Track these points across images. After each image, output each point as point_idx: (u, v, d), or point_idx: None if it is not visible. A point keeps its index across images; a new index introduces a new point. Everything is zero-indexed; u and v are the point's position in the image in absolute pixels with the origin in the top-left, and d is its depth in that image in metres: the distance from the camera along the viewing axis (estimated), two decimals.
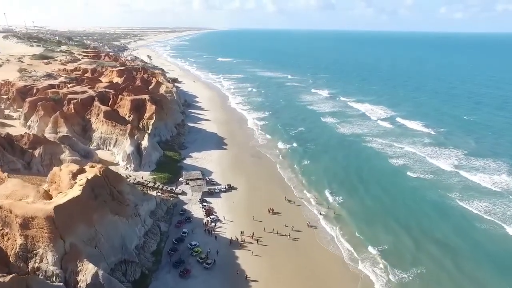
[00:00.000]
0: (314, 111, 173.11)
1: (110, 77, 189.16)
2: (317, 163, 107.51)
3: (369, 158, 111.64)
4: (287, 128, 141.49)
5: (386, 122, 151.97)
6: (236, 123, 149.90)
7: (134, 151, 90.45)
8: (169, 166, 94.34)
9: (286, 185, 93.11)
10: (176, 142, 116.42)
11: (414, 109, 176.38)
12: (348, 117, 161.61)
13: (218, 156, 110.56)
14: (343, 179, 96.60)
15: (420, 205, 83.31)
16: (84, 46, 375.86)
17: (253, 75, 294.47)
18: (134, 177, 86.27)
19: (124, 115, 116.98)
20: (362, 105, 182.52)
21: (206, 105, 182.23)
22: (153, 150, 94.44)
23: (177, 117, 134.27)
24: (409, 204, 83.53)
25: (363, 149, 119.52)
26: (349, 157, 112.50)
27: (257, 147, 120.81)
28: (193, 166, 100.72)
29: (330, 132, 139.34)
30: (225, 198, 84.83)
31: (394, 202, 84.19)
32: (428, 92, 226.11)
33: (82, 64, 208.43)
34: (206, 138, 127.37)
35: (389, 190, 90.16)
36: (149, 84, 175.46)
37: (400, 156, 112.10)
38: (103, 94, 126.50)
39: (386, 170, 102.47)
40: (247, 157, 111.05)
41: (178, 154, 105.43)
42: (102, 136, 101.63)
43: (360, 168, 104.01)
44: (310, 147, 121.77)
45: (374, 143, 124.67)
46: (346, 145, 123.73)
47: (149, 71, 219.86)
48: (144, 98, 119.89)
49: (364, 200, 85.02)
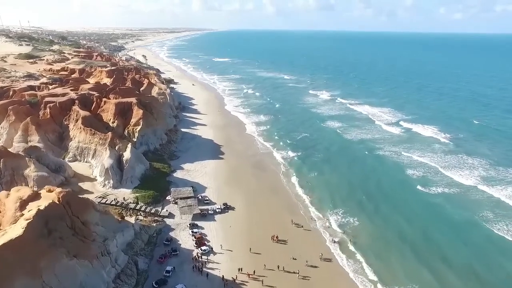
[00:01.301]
0: (316, 114, 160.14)
1: (99, 77, 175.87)
2: (325, 175, 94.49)
3: (379, 170, 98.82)
4: (289, 134, 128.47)
5: (392, 127, 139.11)
6: (234, 128, 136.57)
7: (113, 164, 77.04)
8: (155, 181, 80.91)
9: (292, 203, 79.85)
10: (166, 151, 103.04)
11: (419, 111, 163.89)
12: (351, 120, 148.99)
13: (214, 167, 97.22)
14: (355, 195, 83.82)
15: (444, 229, 70.67)
16: (77, 45, 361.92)
17: (252, 76, 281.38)
18: (114, 195, 72.82)
19: (108, 121, 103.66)
20: (364, 108, 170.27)
21: (202, 108, 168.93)
22: (137, 162, 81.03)
23: (169, 122, 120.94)
24: (433, 228, 70.69)
25: (371, 159, 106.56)
26: (358, 168, 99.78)
27: (257, 156, 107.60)
28: (184, 180, 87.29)
29: (335, 138, 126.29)
30: (221, 221, 71.50)
31: (413, 225, 71.33)
32: (431, 93, 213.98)
33: (71, 64, 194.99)
34: (201, 145, 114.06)
35: (407, 210, 77.28)
36: (141, 86, 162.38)
37: (411, 167, 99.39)
38: (85, 97, 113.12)
39: (399, 184, 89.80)
40: (247, 169, 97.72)
41: (167, 166, 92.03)
42: (80, 145, 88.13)
43: (371, 181, 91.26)
44: (316, 155, 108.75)
45: (382, 151, 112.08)
46: (353, 154, 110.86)
47: (142, 72, 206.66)
48: (130, 102, 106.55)
49: (380, 223, 72.30)
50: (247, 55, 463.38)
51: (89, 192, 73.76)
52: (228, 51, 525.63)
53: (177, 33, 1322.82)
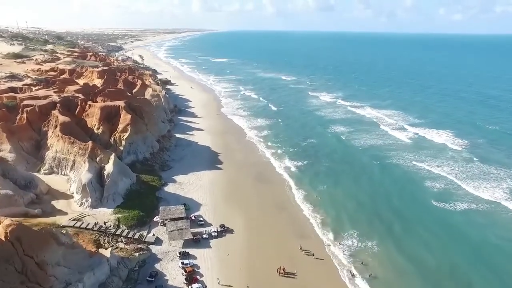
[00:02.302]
0: (318, 118, 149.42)
1: (90, 78, 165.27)
2: (334, 188, 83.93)
3: (391, 182, 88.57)
4: (292, 140, 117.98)
5: (399, 132, 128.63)
6: (233, 133, 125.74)
7: (93, 179, 66.27)
8: (142, 198, 70.08)
9: (299, 223, 69.17)
10: (157, 161, 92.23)
11: (425, 114, 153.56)
12: (356, 124, 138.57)
13: (210, 179, 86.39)
14: (369, 212, 73.85)
15: (467, 253, 60.86)
16: (72, 45, 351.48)
17: (252, 76, 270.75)
18: (92, 216, 61.96)
19: (92, 127, 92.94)
20: (368, 111, 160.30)
21: (199, 111, 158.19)
22: (121, 176, 70.23)
23: (162, 127, 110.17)
24: (456, 255, 60.51)
25: (381, 169, 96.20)
26: (368, 180, 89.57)
27: (258, 165, 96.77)
28: (175, 195, 76.56)
29: (341, 145, 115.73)
30: (217, 247, 60.69)
31: (434, 252, 61.17)
32: (435, 94, 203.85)
33: (61, 64, 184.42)
34: (197, 153, 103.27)
35: (425, 231, 67.22)
36: (133, 87, 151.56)
37: (425, 178, 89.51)
38: (69, 100, 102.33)
39: (414, 200, 79.61)
40: (247, 181, 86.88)
41: (157, 179, 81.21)
42: (57, 156, 77.30)
43: (384, 196, 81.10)
44: (322, 165, 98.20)
45: (391, 160, 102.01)
46: (362, 163, 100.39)
47: (137, 72, 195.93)
48: (118, 105, 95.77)
49: (399, 248, 61.89)
50: (247, 56, 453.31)
51: (63, 213, 62.99)
52: (228, 52, 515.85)
53: (177, 33, 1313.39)
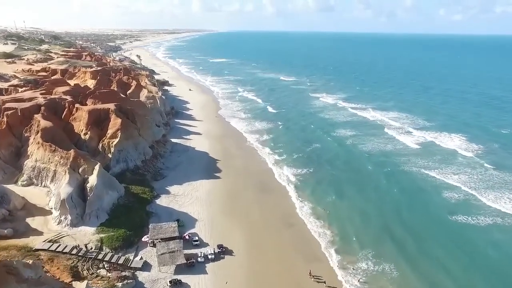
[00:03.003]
0: (321, 120, 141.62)
1: (83, 79, 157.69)
2: (343, 199, 76.48)
3: (402, 192, 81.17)
4: (295, 145, 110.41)
5: (405, 136, 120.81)
6: (232, 138, 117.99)
7: (73, 193, 58.50)
8: (130, 214, 62.35)
9: (307, 242, 61.49)
10: (150, 169, 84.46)
11: (430, 117, 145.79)
12: (360, 127, 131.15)
13: (207, 190, 78.69)
14: (383, 228, 66.40)
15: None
16: (69, 45, 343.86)
17: (253, 77, 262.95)
18: (71, 237, 54.21)
19: (79, 132, 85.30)
20: (371, 113, 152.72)
21: (197, 113, 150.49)
22: (107, 189, 62.48)
23: (156, 132, 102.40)
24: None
25: (391, 177, 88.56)
26: (379, 190, 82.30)
27: (260, 174, 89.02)
28: (168, 209, 68.84)
29: (347, 150, 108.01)
30: (214, 272, 52.95)
31: (457, 277, 53.09)
32: (438, 95, 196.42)
33: (53, 64, 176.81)
34: (194, 160, 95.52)
35: (446, 252, 59.32)
36: (128, 88, 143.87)
37: (439, 189, 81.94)
38: (55, 103, 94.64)
39: (430, 214, 71.69)
40: (248, 191, 79.11)
41: (148, 190, 73.44)
42: (37, 165, 69.55)
43: (397, 208, 73.67)
44: (329, 172, 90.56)
45: (401, 167, 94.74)
46: (371, 170, 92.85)
47: (133, 73, 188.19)
48: (107, 108, 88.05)
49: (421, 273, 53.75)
50: (247, 56, 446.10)
51: (38, 233, 55.28)
52: (228, 52, 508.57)
53: (177, 34, 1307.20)
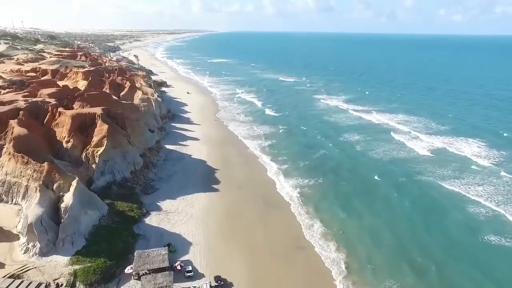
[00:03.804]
0: (325, 125, 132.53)
1: (74, 79, 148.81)
2: (358, 217, 68.01)
3: (422, 207, 72.66)
4: (299, 152, 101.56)
5: (414, 141, 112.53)
6: (232, 143, 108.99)
7: (44, 216, 49.55)
8: (113, 237, 53.37)
9: (322, 272, 52.68)
10: (140, 181, 75.49)
11: (437, 120, 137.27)
12: (366, 132, 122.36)
13: (204, 205, 69.72)
14: (403, 252, 57.73)
15: None
16: (64, 45, 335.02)
17: (253, 78, 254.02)
18: (38, 269, 45.21)
19: (62, 139, 76.41)
20: (376, 116, 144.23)
21: (196, 116, 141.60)
22: (85, 209, 53.52)
23: (149, 138, 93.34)
24: None
25: (408, 191, 79.97)
26: (393, 204, 73.76)
27: (263, 186, 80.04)
28: (159, 231, 59.87)
29: (355, 157, 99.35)
30: None
31: None
32: (442, 96, 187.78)
33: (44, 64, 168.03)
34: (190, 170, 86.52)
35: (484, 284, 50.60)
36: (122, 90, 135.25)
37: (463, 203, 73.19)
38: (37, 106, 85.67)
39: (460, 234, 62.91)
40: (250, 208, 70.13)
41: (137, 207, 64.43)
42: (7, 179, 60.48)
43: (414, 229, 64.51)
44: (339, 184, 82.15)
45: (417, 177, 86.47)
46: (385, 182, 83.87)
47: (129, 73, 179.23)
48: (93, 113, 79.12)
49: None
50: (247, 56, 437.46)
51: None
52: (228, 52, 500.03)
53: (177, 34, 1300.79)
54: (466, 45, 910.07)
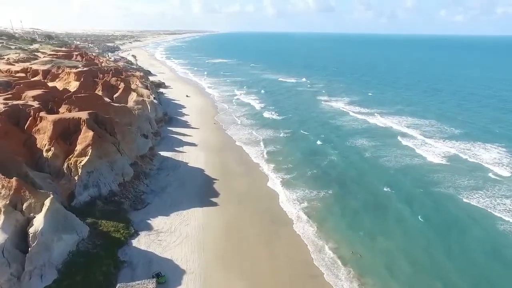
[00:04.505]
0: (328, 128, 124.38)
1: (66, 80, 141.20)
2: (375, 236, 59.68)
3: (440, 225, 63.76)
4: (305, 159, 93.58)
5: (425, 148, 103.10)
6: (232, 150, 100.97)
7: (7, 244, 41.61)
8: (91, 268, 45.43)
9: None
10: (129, 195, 67.56)
11: (446, 123, 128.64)
12: (372, 136, 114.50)
13: (201, 223, 61.78)
14: (437, 279, 49.12)
15: None
16: (61, 45, 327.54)
17: (254, 78, 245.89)
18: None
19: (42, 147, 68.60)
20: (381, 119, 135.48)
21: (194, 119, 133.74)
22: (59, 234, 45.61)
23: (141, 144, 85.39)
24: None
25: (420, 202, 71.84)
26: (408, 220, 65.47)
27: (266, 199, 71.99)
28: (147, 255, 51.91)
29: (362, 165, 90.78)
30: None
31: None
32: (448, 98, 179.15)
33: (36, 64, 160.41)
34: (186, 180, 78.58)
35: None
36: (115, 91, 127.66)
37: (484, 222, 64.62)
38: (18, 110, 77.66)
39: (499, 263, 54.12)
40: (252, 226, 62.11)
41: (123, 227, 56.50)
42: None
43: (435, 252, 56.04)
44: (344, 196, 74.03)
45: (428, 188, 77.99)
46: (394, 193, 75.49)
47: (125, 74, 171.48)
48: (78, 118, 71.24)
49: None
50: (248, 57, 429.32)
51: None
52: (228, 53, 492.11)
53: (178, 34, 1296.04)
54: (467, 45, 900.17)
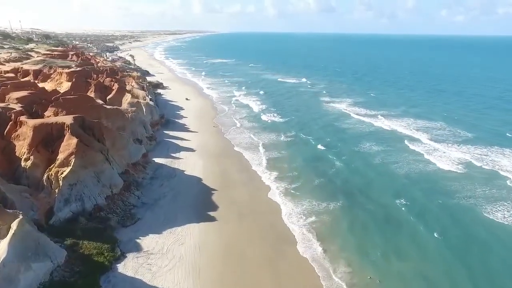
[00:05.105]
0: (333, 131, 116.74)
1: (58, 81, 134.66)
2: (386, 262, 51.86)
3: (460, 247, 55.27)
4: (308, 166, 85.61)
5: (435, 154, 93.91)
6: (233, 156, 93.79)
7: None
8: None
9: None
10: (117, 209, 60.64)
11: (454, 126, 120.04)
12: (379, 140, 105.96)
13: (197, 243, 54.83)
14: None
15: None
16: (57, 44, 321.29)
17: (254, 79, 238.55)
18: None
19: (21, 156, 61.84)
20: (386, 122, 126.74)
21: (192, 122, 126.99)
22: (27, 262, 38.74)
23: (133, 151, 78.45)
24: None
25: (435, 218, 63.07)
26: (425, 238, 57.21)
27: (269, 214, 64.84)
28: (134, 284, 44.96)
29: (372, 174, 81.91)
30: None
31: None
32: (455, 99, 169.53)
33: (28, 63, 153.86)
34: (182, 191, 71.69)
35: None
36: (109, 92, 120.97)
37: None
38: None
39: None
40: (256, 247, 55.01)
41: (108, 248, 49.56)
42: None
43: (464, 284, 48.05)
44: (357, 211, 65.78)
45: (442, 200, 69.24)
46: (407, 206, 66.88)
47: (121, 74, 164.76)
48: (62, 123, 64.42)
49: None
50: (248, 57, 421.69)
51: None
52: (228, 53, 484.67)
53: (178, 35, 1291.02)
54: (468, 46, 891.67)
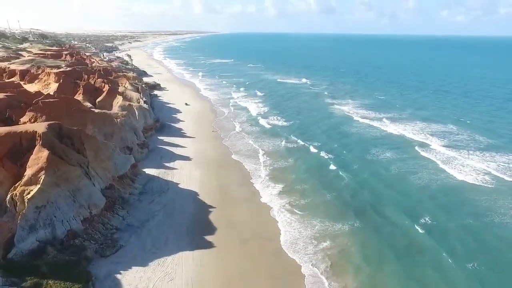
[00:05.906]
0: (338, 137, 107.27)
1: (46, 82, 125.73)
2: None
3: (492, 281, 46.65)
4: (314, 179, 76.07)
5: (450, 164, 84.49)
6: (233, 167, 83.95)
7: None
8: None
9: None
10: (96, 234, 51.21)
11: (467, 131, 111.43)
12: (389, 148, 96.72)
13: (191, 280, 45.37)
14: None
15: None
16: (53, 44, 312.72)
17: (255, 79, 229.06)
18: None
19: None
20: (394, 127, 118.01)
21: (189, 126, 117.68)
22: None
23: (120, 162, 68.99)
24: None
25: (462, 246, 53.88)
26: (458, 276, 47.67)
27: (273, 239, 55.34)
28: None
29: (383, 188, 72.36)
30: None
31: None
32: (462, 101, 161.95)
33: (16, 63, 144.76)
34: (174, 209, 62.28)
35: None
36: (99, 94, 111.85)
37: None
38: None
39: None
40: (258, 281, 45.79)
41: (79, 287, 40.34)
42: None
43: None
44: (370, 236, 56.86)
45: (466, 223, 59.83)
46: (430, 230, 57.61)
47: (115, 74, 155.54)
48: (33, 132, 55.10)
49: None
50: (248, 57, 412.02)
51: None
52: (228, 53, 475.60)
53: (179, 35, 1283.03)
54: (470, 46, 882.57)
